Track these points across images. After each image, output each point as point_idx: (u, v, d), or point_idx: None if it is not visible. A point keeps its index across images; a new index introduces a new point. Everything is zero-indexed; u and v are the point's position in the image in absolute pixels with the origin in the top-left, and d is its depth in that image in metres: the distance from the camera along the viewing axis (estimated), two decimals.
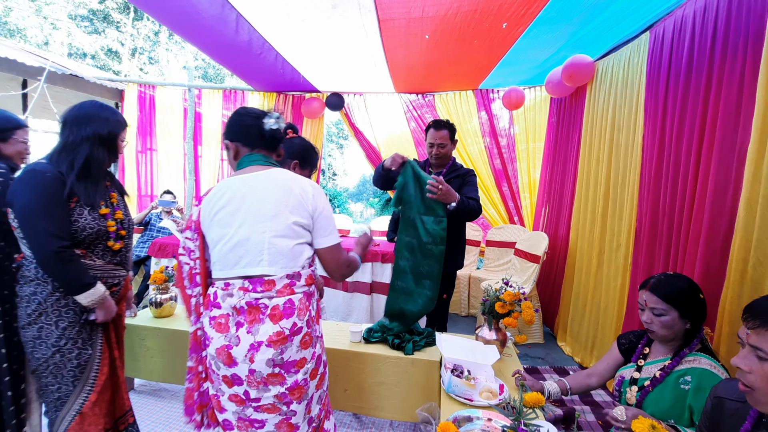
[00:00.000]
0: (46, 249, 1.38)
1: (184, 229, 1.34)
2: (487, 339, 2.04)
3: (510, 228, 4.42)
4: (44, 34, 11.25)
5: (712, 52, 1.93)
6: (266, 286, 1.22)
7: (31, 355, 1.48)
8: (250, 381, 1.20)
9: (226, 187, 1.28)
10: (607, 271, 2.83)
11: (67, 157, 1.46)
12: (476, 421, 1.49)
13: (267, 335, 1.19)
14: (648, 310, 1.47)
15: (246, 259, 1.23)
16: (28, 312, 1.45)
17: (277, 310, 1.22)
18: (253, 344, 1.19)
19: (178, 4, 2.61)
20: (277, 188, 1.27)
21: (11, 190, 1.43)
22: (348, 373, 2.27)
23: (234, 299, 1.22)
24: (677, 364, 1.41)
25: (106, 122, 1.53)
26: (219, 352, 1.21)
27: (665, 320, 1.42)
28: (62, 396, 1.48)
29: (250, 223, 1.24)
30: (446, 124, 2.56)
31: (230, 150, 1.39)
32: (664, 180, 2.25)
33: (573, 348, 3.26)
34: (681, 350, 1.44)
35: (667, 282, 1.45)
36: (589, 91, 3.29)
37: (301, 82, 4.24)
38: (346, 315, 3.69)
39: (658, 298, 1.43)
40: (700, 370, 1.35)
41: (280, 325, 1.21)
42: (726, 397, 1.10)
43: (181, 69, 14.18)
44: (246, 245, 1.23)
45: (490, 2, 2.37)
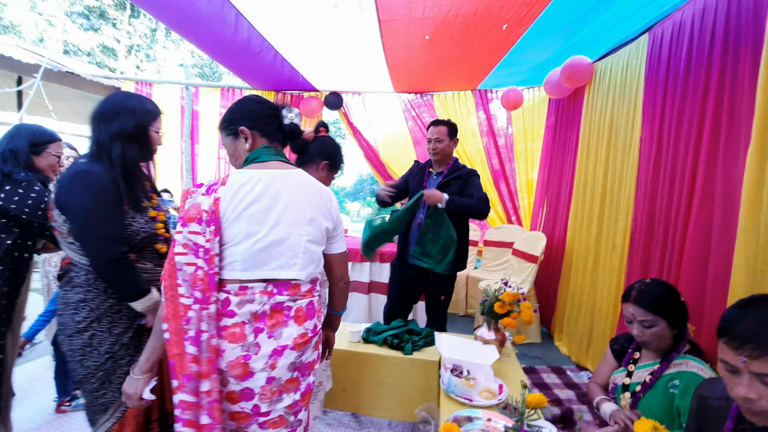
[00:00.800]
0: (107, 256, 1.29)
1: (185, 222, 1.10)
2: (486, 339, 2.05)
3: (508, 228, 4.44)
4: (39, 30, 11.15)
5: (711, 54, 1.94)
6: (292, 290, 1.16)
7: (78, 364, 1.38)
8: (264, 393, 1.11)
9: (256, 179, 1.15)
10: (602, 271, 2.85)
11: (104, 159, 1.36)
12: (476, 421, 1.49)
13: (292, 338, 1.14)
14: (637, 324, 1.45)
15: (278, 261, 1.14)
16: (77, 320, 1.36)
17: (302, 311, 1.18)
18: (276, 349, 1.11)
19: (177, 3, 2.60)
20: (310, 191, 1.23)
21: (62, 192, 1.33)
22: (347, 373, 2.27)
23: (255, 305, 1.11)
24: (666, 368, 1.41)
25: (132, 114, 1.41)
26: (232, 366, 1.08)
27: (656, 331, 1.41)
28: (107, 402, 1.40)
29: (288, 223, 1.15)
30: (446, 122, 2.59)
31: (247, 138, 1.24)
32: (661, 182, 2.27)
33: (569, 348, 3.28)
34: (669, 354, 1.44)
35: (648, 292, 1.44)
36: (587, 92, 3.31)
37: (299, 81, 4.23)
38: (345, 315, 3.68)
39: (645, 310, 1.42)
40: (687, 373, 1.35)
41: (305, 327, 1.17)
42: (709, 395, 1.10)
43: (177, 66, 14.11)
44: (281, 246, 1.14)
45: (491, 4, 2.38)
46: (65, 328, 1.37)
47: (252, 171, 1.18)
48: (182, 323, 1.06)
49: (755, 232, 1.57)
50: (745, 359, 0.86)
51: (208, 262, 1.08)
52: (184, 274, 1.08)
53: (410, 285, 2.66)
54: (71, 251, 1.38)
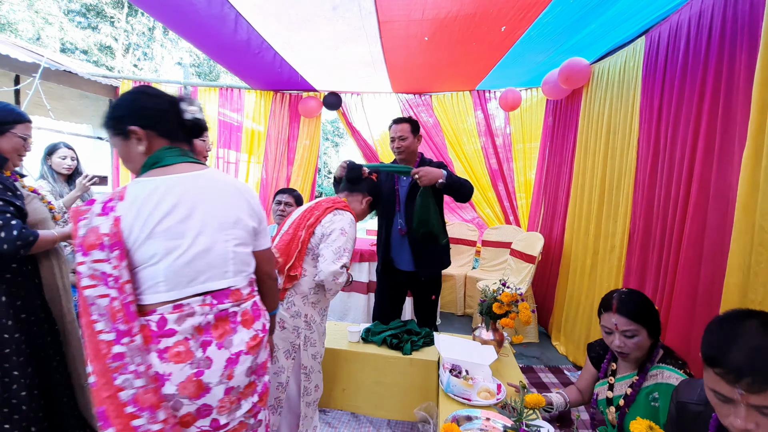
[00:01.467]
0: None
1: (85, 250, 0.97)
2: (485, 339, 2.07)
3: (506, 228, 4.46)
4: (36, 28, 11.10)
5: (707, 57, 1.96)
6: (234, 296, 1.10)
7: None
8: (222, 405, 1.04)
9: (163, 189, 1.03)
10: (600, 272, 2.87)
11: None
12: (475, 420, 1.51)
13: (245, 343, 1.08)
14: (619, 334, 1.43)
15: (208, 272, 1.05)
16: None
17: (248, 314, 1.12)
18: (231, 358, 1.05)
19: (176, 3, 2.60)
20: (229, 191, 1.14)
21: None
22: (346, 372, 2.29)
23: (197, 318, 1.02)
24: (644, 380, 1.41)
25: None
26: (183, 387, 0.98)
27: (638, 341, 1.41)
28: None
29: (212, 230, 1.06)
30: (407, 119, 2.54)
31: (140, 140, 1.08)
32: (659, 183, 2.29)
33: (567, 347, 3.30)
34: (644, 365, 1.44)
35: (629, 300, 1.43)
36: (585, 93, 3.33)
37: (298, 81, 4.23)
38: (343, 314, 3.70)
39: (628, 319, 1.41)
40: (665, 385, 1.35)
41: (254, 328, 1.13)
42: (687, 401, 1.09)
43: (175, 65, 14.06)
44: (208, 257, 1.05)
45: (490, 6, 2.39)
46: None
47: (155, 179, 1.05)
48: (107, 362, 0.94)
49: (749, 233, 1.59)
50: (742, 392, 0.81)
51: (120, 290, 0.96)
52: (99, 308, 0.95)
53: (398, 288, 2.68)
54: None
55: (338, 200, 1.88)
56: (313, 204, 1.86)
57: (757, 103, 1.57)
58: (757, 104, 1.57)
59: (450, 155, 4.62)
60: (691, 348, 1.88)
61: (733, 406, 0.84)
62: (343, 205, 1.84)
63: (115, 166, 4.88)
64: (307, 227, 1.74)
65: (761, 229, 1.54)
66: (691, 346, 1.88)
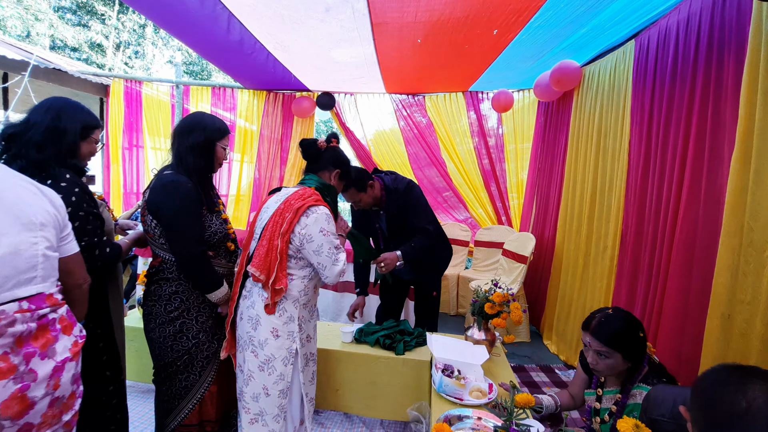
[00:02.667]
0: (191, 253, 1.52)
1: None
2: (477, 339, 2.09)
3: (498, 228, 4.49)
4: (25, 25, 10.94)
5: (696, 61, 2.00)
6: (50, 300, 1.03)
7: (170, 349, 1.61)
8: (44, 421, 0.97)
9: None
10: (593, 272, 2.90)
11: (183, 168, 1.57)
12: (466, 420, 1.52)
13: (68, 349, 1.04)
14: (592, 352, 1.47)
15: (15, 279, 0.95)
16: (170, 309, 1.59)
17: (65, 320, 1.07)
18: (57, 366, 1.00)
19: (168, 2, 2.59)
20: (31, 191, 1.05)
21: (155, 199, 1.52)
22: (339, 373, 2.29)
23: (17, 327, 0.93)
24: (626, 399, 1.44)
25: (203, 131, 1.60)
26: (7, 406, 0.88)
27: (610, 363, 1.44)
28: (189, 385, 1.64)
29: (16, 231, 0.97)
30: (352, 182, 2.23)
31: None
32: (650, 185, 2.32)
33: (558, 347, 3.33)
34: (625, 385, 1.47)
35: (607, 324, 1.45)
36: (576, 95, 3.36)
37: (292, 81, 4.22)
38: (336, 315, 3.71)
39: (600, 342, 1.44)
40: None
41: (74, 334, 1.08)
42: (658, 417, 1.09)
43: (166, 63, 13.94)
44: (15, 260, 0.95)
45: (482, 10, 2.41)
46: (155, 317, 1.60)
47: None
48: None
49: (738, 234, 1.62)
50: None
51: None
52: None
53: (401, 285, 2.71)
54: (160, 250, 1.60)
55: (306, 194, 1.60)
56: (282, 204, 1.58)
57: (745, 106, 1.61)
58: (745, 107, 1.61)
59: (443, 156, 4.64)
60: (683, 350, 1.90)
61: None
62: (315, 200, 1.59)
63: (106, 165, 4.83)
64: (282, 235, 1.53)
65: (750, 230, 1.57)
66: (683, 348, 1.91)
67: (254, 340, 1.56)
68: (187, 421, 1.64)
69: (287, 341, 1.59)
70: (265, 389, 1.57)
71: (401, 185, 2.43)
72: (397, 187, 2.42)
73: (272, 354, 1.56)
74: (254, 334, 1.56)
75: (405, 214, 2.40)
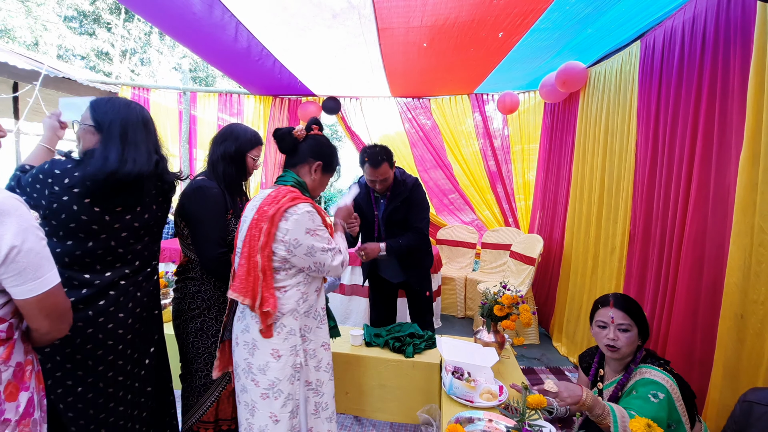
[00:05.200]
0: (213, 254, 1.57)
1: None
2: (486, 341, 2.09)
3: (505, 230, 4.49)
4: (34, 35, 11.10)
5: (702, 61, 2.00)
6: None
7: (191, 345, 1.67)
8: None
9: None
10: (602, 273, 2.90)
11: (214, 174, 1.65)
12: (477, 422, 1.53)
13: None
14: (614, 327, 1.49)
15: None
16: (193, 306, 1.65)
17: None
18: None
19: (176, 11, 2.63)
20: None
21: (183, 202, 1.61)
22: (349, 376, 2.30)
23: None
24: (627, 381, 1.46)
25: (235, 140, 1.67)
26: None
27: (630, 336, 1.47)
28: (207, 383, 1.68)
29: None
30: (382, 157, 2.28)
31: None
32: (657, 186, 2.32)
33: (568, 348, 3.32)
34: (628, 367, 1.50)
35: (625, 298, 1.52)
36: (582, 96, 3.37)
37: (298, 86, 4.26)
38: (344, 318, 3.72)
39: (625, 313, 1.48)
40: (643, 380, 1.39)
41: None
42: (755, 401, 1.13)
43: (171, 70, 14.08)
44: None
45: (487, 13, 2.42)
46: (180, 313, 1.67)
47: None
48: None
49: (749, 234, 1.62)
50: None
51: None
52: None
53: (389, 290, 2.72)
54: (190, 251, 1.66)
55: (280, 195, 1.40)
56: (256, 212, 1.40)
57: (752, 105, 1.61)
58: (752, 107, 1.61)
59: (449, 158, 4.66)
60: (695, 350, 1.90)
61: None
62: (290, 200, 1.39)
63: None
64: (261, 250, 1.35)
65: (761, 230, 1.57)
66: (695, 348, 1.90)
67: (253, 367, 1.40)
68: (205, 417, 1.71)
69: (291, 357, 1.42)
70: (273, 416, 1.39)
71: (409, 180, 2.47)
72: (405, 180, 2.45)
73: (276, 377, 1.39)
74: (252, 360, 1.40)
75: (406, 208, 2.42)
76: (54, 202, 1.22)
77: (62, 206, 1.22)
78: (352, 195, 1.76)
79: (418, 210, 2.44)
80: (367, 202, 2.52)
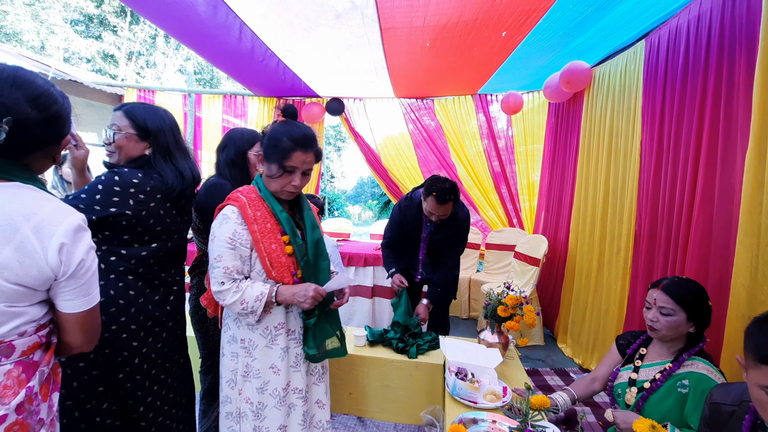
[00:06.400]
0: None
1: None
2: (490, 342, 2.08)
3: (509, 231, 4.47)
4: (40, 38, 11.23)
5: (707, 60, 1.98)
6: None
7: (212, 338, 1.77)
8: None
9: None
10: (607, 274, 2.88)
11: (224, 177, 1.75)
12: (481, 423, 1.52)
13: None
14: (655, 309, 1.49)
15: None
16: None
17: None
18: None
19: (181, 13, 2.64)
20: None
21: (199, 199, 1.69)
22: (352, 377, 2.30)
23: None
24: (677, 368, 1.44)
25: (234, 145, 1.77)
26: None
27: (672, 320, 1.45)
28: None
29: None
30: (450, 196, 2.23)
31: None
32: (663, 185, 2.30)
33: (573, 349, 3.30)
34: (681, 354, 1.47)
35: (679, 284, 1.49)
36: (586, 96, 3.35)
37: (301, 87, 4.28)
38: (348, 319, 3.72)
39: (669, 297, 1.46)
40: (698, 375, 1.38)
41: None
42: (721, 402, 1.13)
43: (176, 72, 14.19)
44: None
45: (490, 12, 2.42)
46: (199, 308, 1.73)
47: None
48: None
49: (756, 234, 1.60)
50: None
51: None
52: None
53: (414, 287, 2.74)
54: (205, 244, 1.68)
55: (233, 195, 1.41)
56: None
57: (758, 105, 1.59)
58: (758, 106, 1.59)
59: (452, 159, 4.65)
60: None
61: None
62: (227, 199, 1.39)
63: None
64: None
65: (767, 230, 1.55)
66: None
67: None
68: None
69: (231, 362, 1.39)
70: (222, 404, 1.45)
71: (462, 214, 2.46)
72: (458, 213, 2.42)
73: (222, 373, 1.43)
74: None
75: (453, 238, 2.50)
76: (142, 209, 1.29)
77: (150, 212, 1.30)
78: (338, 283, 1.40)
79: (462, 242, 2.55)
80: (416, 223, 2.51)
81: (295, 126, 1.34)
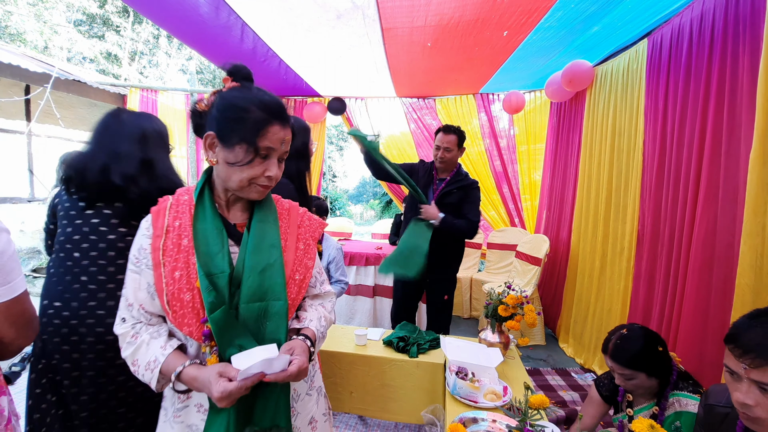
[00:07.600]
0: None
1: None
2: (491, 342, 2.07)
3: (511, 230, 4.46)
4: (44, 38, 11.28)
5: (710, 59, 1.97)
6: None
7: None
8: None
9: None
10: (610, 274, 2.87)
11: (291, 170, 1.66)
12: (481, 422, 1.52)
13: None
14: (618, 375, 1.49)
15: None
16: None
17: None
18: None
19: (183, 13, 2.65)
20: None
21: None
22: (353, 376, 2.30)
23: None
24: (665, 410, 1.43)
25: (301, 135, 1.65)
26: None
27: (636, 382, 1.45)
28: None
29: None
30: (455, 130, 2.59)
31: None
32: (666, 185, 2.29)
33: (575, 349, 3.29)
34: (661, 395, 1.46)
35: (624, 347, 1.46)
36: (588, 95, 3.34)
37: (303, 87, 4.28)
38: (349, 318, 3.72)
39: (621, 365, 1.46)
40: (686, 414, 1.36)
41: None
42: (715, 404, 1.13)
43: (178, 72, 14.22)
44: None
45: (492, 12, 2.42)
46: None
47: None
48: None
49: (760, 234, 1.59)
50: (745, 366, 0.92)
51: None
52: None
53: (413, 285, 2.72)
54: None
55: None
56: None
57: (762, 104, 1.58)
58: (762, 105, 1.58)
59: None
60: (705, 352, 1.87)
61: (739, 382, 0.94)
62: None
63: None
64: None
65: None
66: (705, 349, 1.87)
67: None
68: None
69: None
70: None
71: (469, 178, 2.67)
72: (466, 175, 2.68)
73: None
74: None
75: (460, 197, 2.57)
76: None
77: None
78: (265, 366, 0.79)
79: (473, 206, 2.59)
80: (426, 178, 2.67)
81: (261, 91, 0.93)
